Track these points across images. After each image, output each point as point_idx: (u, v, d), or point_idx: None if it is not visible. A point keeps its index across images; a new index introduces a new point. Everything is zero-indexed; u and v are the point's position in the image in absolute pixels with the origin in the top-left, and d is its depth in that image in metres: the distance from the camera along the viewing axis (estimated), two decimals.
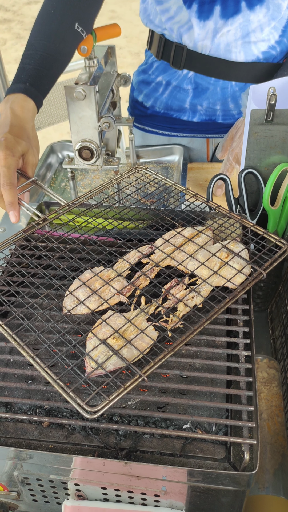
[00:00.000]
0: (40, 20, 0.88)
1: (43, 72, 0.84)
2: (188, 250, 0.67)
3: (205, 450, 0.55)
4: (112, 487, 0.56)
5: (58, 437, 0.56)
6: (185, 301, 0.61)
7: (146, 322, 0.59)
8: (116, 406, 0.57)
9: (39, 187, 0.81)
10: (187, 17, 1.03)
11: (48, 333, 0.60)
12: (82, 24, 0.89)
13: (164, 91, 1.15)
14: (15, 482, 0.59)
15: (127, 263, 0.68)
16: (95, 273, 0.65)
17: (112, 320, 0.59)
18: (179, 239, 0.69)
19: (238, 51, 1.04)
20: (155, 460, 0.54)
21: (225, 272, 0.63)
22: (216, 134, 1.18)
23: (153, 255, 0.69)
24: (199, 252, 0.66)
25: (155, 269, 0.66)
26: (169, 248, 0.68)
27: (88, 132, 0.97)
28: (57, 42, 0.86)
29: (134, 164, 1.24)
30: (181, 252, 0.67)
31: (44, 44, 0.86)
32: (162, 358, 0.53)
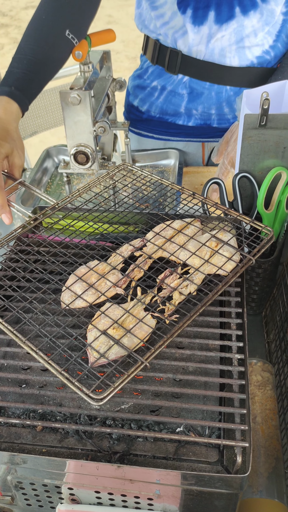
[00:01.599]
0: (32, 25, 0.89)
1: (30, 76, 0.85)
2: (179, 241, 0.69)
3: (198, 453, 0.55)
4: (105, 491, 0.56)
5: (51, 441, 0.56)
6: (180, 289, 0.63)
7: (143, 311, 0.61)
8: (110, 409, 0.57)
9: (27, 188, 0.82)
10: (182, 22, 1.03)
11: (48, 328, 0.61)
12: (73, 31, 0.90)
13: (160, 96, 1.16)
14: (9, 487, 0.59)
15: (121, 256, 0.69)
16: (90, 267, 0.67)
17: (111, 311, 0.61)
18: (169, 231, 0.71)
19: (233, 56, 1.05)
20: (148, 463, 0.54)
21: (215, 260, 0.65)
22: (212, 138, 1.19)
23: (145, 248, 0.70)
24: (190, 243, 0.68)
25: (148, 261, 0.68)
26: (160, 240, 0.70)
27: (84, 136, 0.97)
28: (46, 48, 0.87)
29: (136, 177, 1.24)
30: (172, 243, 0.69)
31: (32, 49, 0.86)
32: (162, 344, 0.55)
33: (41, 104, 1.82)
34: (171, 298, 0.63)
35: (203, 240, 0.68)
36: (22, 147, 0.84)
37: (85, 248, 0.73)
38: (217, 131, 1.17)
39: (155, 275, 0.65)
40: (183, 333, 0.65)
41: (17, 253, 0.72)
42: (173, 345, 0.64)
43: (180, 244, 0.68)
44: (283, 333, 0.79)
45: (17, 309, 0.61)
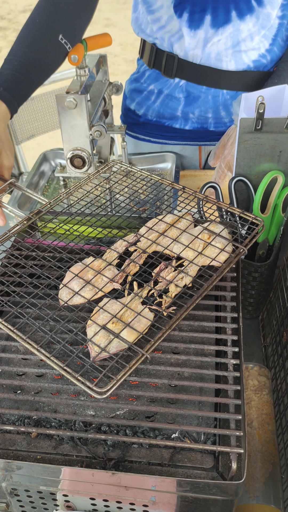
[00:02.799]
0: (25, 28, 0.89)
1: (19, 78, 0.85)
2: (172, 235, 0.70)
3: (193, 459, 0.55)
4: (100, 497, 0.55)
5: (46, 447, 0.56)
6: (176, 282, 0.63)
7: (141, 305, 0.62)
8: (105, 416, 0.57)
9: (18, 189, 0.82)
10: (178, 26, 1.03)
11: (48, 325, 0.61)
12: (67, 36, 0.90)
13: (156, 100, 1.16)
14: (4, 493, 0.59)
15: (115, 252, 0.70)
16: (86, 264, 0.67)
17: (109, 306, 0.61)
18: (162, 226, 0.72)
19: (229, 60, 1.05)
20: (144, 470, 0.54)
21: (209, 252, 0.66)
22: (208, 141, 1.19)
23: (139, 243, 0.71)
24: (182, 236, 0.69)
25: (142, 255, 0.68)
26: (154, 235, 0.71)
27: (80, 140, 0.97)
28: (38, 51, 0.87)
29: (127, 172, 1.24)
30: (165, 237, 0.70)
31: (24, 52, 0.87)
32: (161, 336, 0.55)
33: (39, 108, 1.82)
34: (168, 290, 0.64)
35: (195, 233, 0.69)
36: (10, 147, 0.84)
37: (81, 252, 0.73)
38: (213, 135, 1.17)
39: (150, 269, 0.66)
40: (178, 339, 0.65)
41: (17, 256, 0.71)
42: (169, 351, 0.63)
43: (173, 238, 0.69)
44: (279, 337, 0.79)
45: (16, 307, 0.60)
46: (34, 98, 1.78)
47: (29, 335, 0.57)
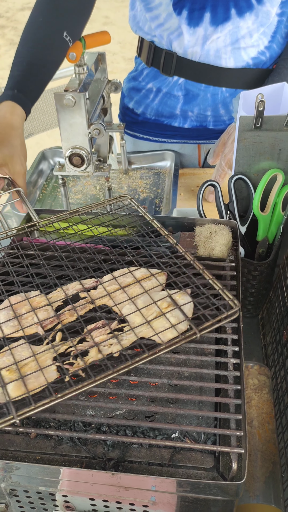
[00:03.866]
0: (28, 27, 0.89)
1: (30, 78, 0.85)
2: (131, 293, 0.63)
3: (193, 459, 0.54)
4: (100, 498, 0.55)
5: (45, 448, 0.55)
6: (102, 346, 0.57)
7: (51, 360, 0.56)
8: (104, 416, 0.57)
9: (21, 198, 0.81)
10: (177, 24, 1.03)
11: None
12: (70, 33, 0.90)
13: (155, 98, 1.16)
14: (3, 494, 0.58)
15: (64, 293, 0.64)
16: (27, 297, 0.63)
17: (19, 350, 0.57)
18: (129, 279, 0.66)
19: (228, 57, 1.04)
20: (143, 470, 0.53)
21: (158, 324, 0.58)
22: (207, 140, 1.18)
23: (94, 291, 0.65)
24: (141, 297, 0.62)
25: (88, 305, 0.63)
26: (114, 286, 0.65)
27: (79, 139, 0.96)
28: (44, 50, 0.87)
29: (125, 171, 1.24)
30: (124, 293, 0.63)
31: (31, 52, 0.86)
32: (42, 405, 0.49)
33: (37, 106, 1.82)
34: (87, 353, 0.57)
35: (156, 297, 0.61)
36: (24, 153, 0.83)
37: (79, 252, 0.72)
38: (213, 133, 1.16)
39: (88, 323, 0.60)
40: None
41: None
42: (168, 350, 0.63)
43: (131, 296, 0.62)
44: (279, 336, 0.78)
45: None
46: None
47: None
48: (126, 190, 1.20)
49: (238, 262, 0.72)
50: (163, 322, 0.58)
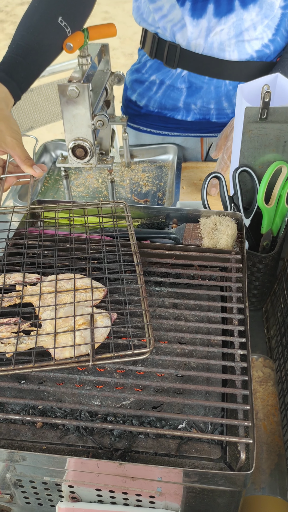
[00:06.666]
0: (25, 14, 0.89)
1: (17, 59, 0.84)
2: (61, 300, 0.62)
3: (200, 450, 0.54)
4: (106, 488, 0.55)
5: (51, 438, 0.55)
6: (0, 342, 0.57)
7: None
8: (111, 405, 0.56)
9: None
10: (180, 15, 1.02)
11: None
12: (67, 19, 0.89)
13: (158, 90, 1.15)
14: (8, 485, 0.58)
15: (1, 281, 0.65)
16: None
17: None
18: (69, 285, 0.64)
19: (232, 50, 1.04)
20: (150, 460, 0.53)
21: (63, 339, 0.57)
22: (210, 133, 1.18)
23: (30, 287, 0.65)
24: (67, 307, 0.61)
25: (15, 299, 0.63)
26: (51, 288, 0.64)
27: (82, 130, 0.96)
28: (36, 33, 0.86)
29: (128, 164, 1.23)
30: (54, 297, 0.62)
31: (22, 35, 0.86)
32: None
33: (37, 99, 1.80)
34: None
35: (79, 311, 0.60)
36: (11, 125, 0.80)
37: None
38: (216, 126, 1.16)
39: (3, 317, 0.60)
40: (184, 329, 0.64)
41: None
42: (175, 341, 0.63)
43: (60, 302, 0.61)
44: (284, 329, 0.78)
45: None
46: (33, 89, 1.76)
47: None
48: (128, 183, 1.20)
49: (243, 254, 0.71)
50: (69, 339, 0.57)
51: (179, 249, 0.73)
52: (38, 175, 0.81)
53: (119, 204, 0.77)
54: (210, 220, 0.77)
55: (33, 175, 0.81)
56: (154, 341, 0.56)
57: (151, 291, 0.68)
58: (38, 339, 0.58)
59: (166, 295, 0.68)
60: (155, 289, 0.68)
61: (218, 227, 0.76)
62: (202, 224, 0.77)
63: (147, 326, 0.57)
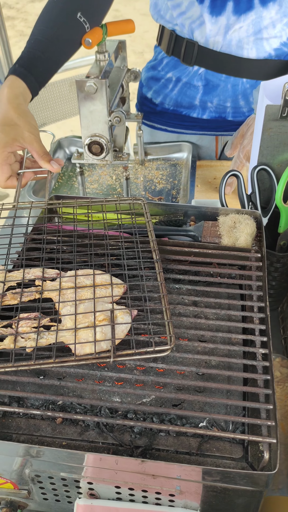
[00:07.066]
0: (44, 9, 0.89)
1: (35, 54, 0.84)
2: (81, 296, 0.61)
3: (222, 449, 0.53)
4: (126, 486, 0.54)
5: (71, 434, 0.54)
6: (19, 337, 0.57)
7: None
8: (131, 402, 0.56)
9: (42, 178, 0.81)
10: (199, 12, 1.01)
11: None
12: (85, 14, 0.88)
13: (174, 88, 1.14)
14: (26, 480, 0.57)
15: (19, 276, 0.64)
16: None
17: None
18: (88, 281, 0.63)
19: (250, 47, 1.03)
20: (171, 458, 0.52)
21: (84, 334, 0.56)
22: (226, 131, 1.17)
23: (50, 282, 0.64)
24: (87, 302, 0.60)
25: (35, 294, 0.62)
26: (70, 284, 0.63)
27: (99, 126, 0.95)
28: (55, 28, 0.86)
29: (142, 161, 1.23)
30: (73, 293, 0.62)
31: (41, 30, 0.86)
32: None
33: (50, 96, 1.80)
34: (1, 340, 0.57)
35: (99, 307, 0.59)
36: (29, 120, 0.80)
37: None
38: (232, 125, 1.15)
39: (24, 311, 0.60)
40: (205, 327, 0.63)
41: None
42: (195, 339, 0.62)
43: (80, 298, 0.61)
44: None
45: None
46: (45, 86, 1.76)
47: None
48: (142, 180, 1.19)
49: (263, 253, 0.71)
50: (89, 334, 0.56)
51: (198, 247, 0.72)
52: (56, 170, 0.81)
53: (137, 201, 0.77)
54: (229, 218, 0.76)
55: (51, 170, 0.81)
56: (175, 338, 0.56)
57: (171, 288, 0.68)
58: (58, 335, 0.57)
59: (186, 292, 0.68)
60: (174, 287, 0.68)
61: (237, 225, 0.75)
62: (220, 222, 0.77)
63: (168, 323, 0.57)
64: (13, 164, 0.81)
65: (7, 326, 0.59)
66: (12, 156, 0.81)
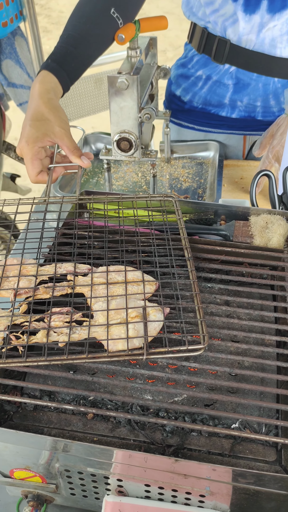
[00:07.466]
0: (77, 4, 0.89)
1: (68, 49, 0.84)
2: (113, 292, 0.61)
3: (255, 451, 0.53)
4: (156, 484, 0.54)
5: (102, 430, 0.54)
6: (52, 332, 0.57)
7: (3, 327, 0.57)
8: (163, 401, 0.56)
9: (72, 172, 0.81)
10: (233, 10, 1.00)
11: None
12: (119, 10, 0.88)
13: (204, 86, 1.13)
14: (55, 475, 0.57)
15: (51, 271, 0.64)
16: (22, 263, 0.65)
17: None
18: (120, 277, 0.63)
19: (283, 46, 1.02)
20: (204, 459, 0.52)
21: (116, 331, 0.56)
22: (255, 131, 1.16)
23: (81, 277, 0.64)
24: (119, 299, 0.60)
25: (67, 289, 0.62)
26: (102, 279, 0.63)
27: (128, 123, 0.95)
28: (88, 23, 0.86)
29: (167, 159, 1.22)
30: (105, 289, 0.61)
31: (74, 25, 0.86)
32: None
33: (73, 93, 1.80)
34: (35, 334, 0.57)
35: (131, 304, 0.59)
36: (59, 115, 0.80)
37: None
38: (261, 124, 1.14)
39: (56, 306, 0.59)
40: (237, 327, 0.62)
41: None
42: (228, 339, 0.61)
43: (111, 294, 0.61)
44: None
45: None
46: None
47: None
48: (168, 178, 1.19)
49: None
50: (122, 331, 0.56)
51: (230, 246, 0.71)
52: (86, 165, 0.81)
53: (168, 198, 0.76)
54: (261, 218, 0.75)
55: (82, 165, 0.81)
56: (208, 337, 0.55)
57: (202, 287, 0.67)
58: (90, 330, 0.57)
59: (218, 292, 0.67)
60: (206, 285, 0.67)
61: (269, 225, 0.74)
62: (252, 222, 0.76)
63: (201, 322, 0.56)
64: (43, 159, 0.81)
65: (39, 320, 0.59)
66: (42, 151, 0.81)
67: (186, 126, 1.21)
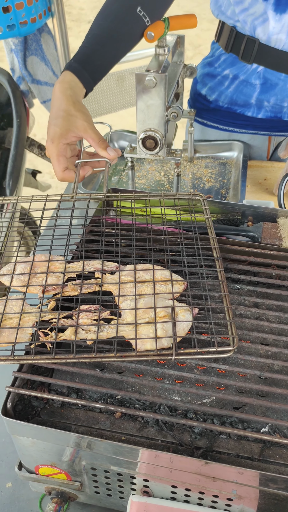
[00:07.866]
0: (104, 4, 0.88)
1: (93, 48, 0.84)
2: (140, 290, 0.61)
3: (285, 456, 0.52)
4: (183, 486, 0.53)
5: (130, 429, 0.54)
6: (80, 329, 0.56)
7: (32, 323, 0.57)
8: (191, 402, 0.55)
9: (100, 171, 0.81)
10: (263, 9, 0.99)
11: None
12: (146, 9, 0.87)
13: (230, 85, 1.12)
14: (80, 472, 0.57)
15: (79, 268, 0.64)
16: (52, 259, 0.65)
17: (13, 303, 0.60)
18: (148, 276, 0.63)
19: None
20: (233, 462, 0.51)
21: (144, 330, 0.55)
22: (280, 132, 1.14)
23: (109, 275, 0.64)
24: (147, 298, 0.59)
25: (95, 287, 0.62)
26: (130, 278, 0.63)
27: (155, 121, 0.94)
28: (115, 22, 0.85)
29: (190, 159, 1.21)
30: (133, 287, 0.61)
31: (99, 24, 0.86)
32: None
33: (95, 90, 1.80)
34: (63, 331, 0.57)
35: (160, 303, 0.58)
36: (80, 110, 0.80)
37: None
38: (287, 125, 1.12)
39: (84, 303, 0.59)
40: (267, 330, 0.62)
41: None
42: (257, 341, 0.61)
43: (139, 293, 0.60)
44: None
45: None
46: None
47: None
48: (191, 178, 1.18)
49: None
50: (150, 330, 0.55)
51: (258, 247, 0.71)
52: (112, 157, 0.80)
53: (196, 197, 0.75)
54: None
55: (107, 157, 0.80)
56: (238, 339, 0.54)
57: (231, 288, 0.67)
58: (118, 329, 0.56)
59: (246, 293, 0.66)
60: (235, 287, 0.67)
61: None
62: (281, 224, 0.75)
63: (231, 324, 0.56)
64: (70, 158, 0.81)
65: (67, 317, 0.59)
66: (68, 148, 0.81)
67: (210, 126, 1.20)
